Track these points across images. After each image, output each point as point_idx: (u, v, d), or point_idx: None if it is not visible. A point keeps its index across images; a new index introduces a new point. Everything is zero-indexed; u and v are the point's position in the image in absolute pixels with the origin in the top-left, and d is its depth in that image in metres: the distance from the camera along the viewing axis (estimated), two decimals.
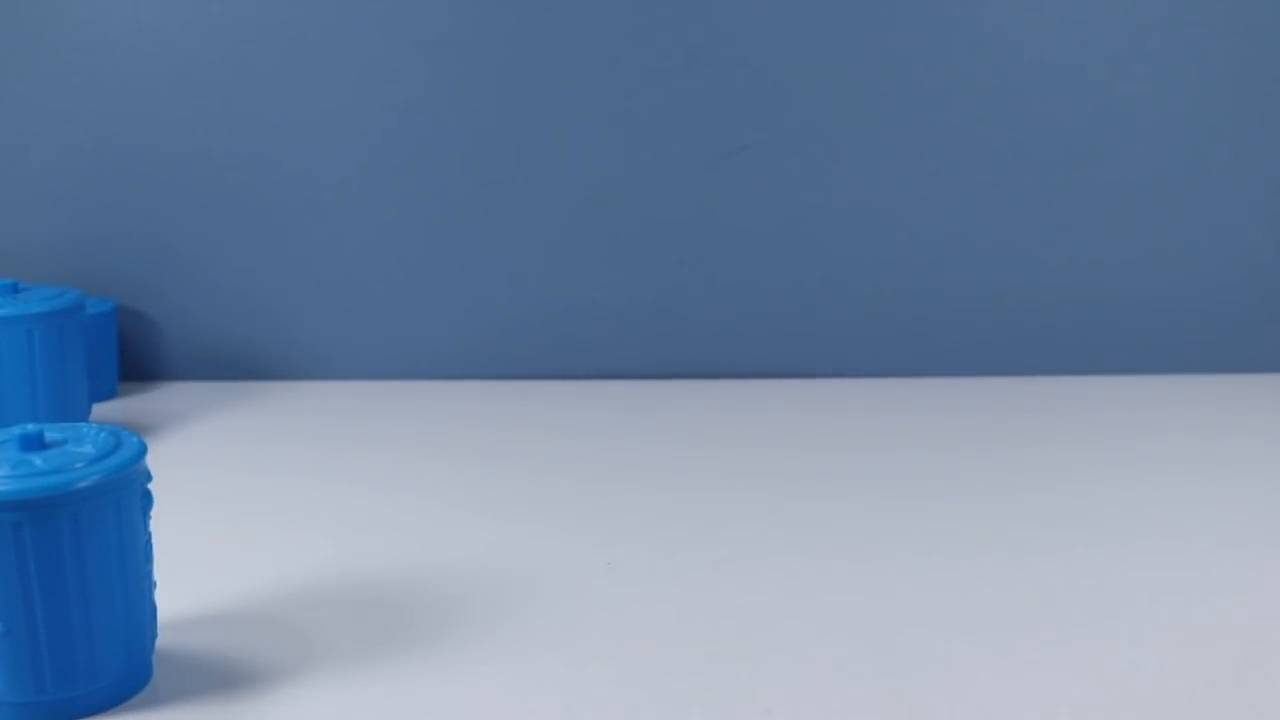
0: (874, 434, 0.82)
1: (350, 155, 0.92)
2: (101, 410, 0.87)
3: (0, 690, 0.48)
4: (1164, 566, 0.62)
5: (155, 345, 0.95)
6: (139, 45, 0.90)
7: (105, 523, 0.48)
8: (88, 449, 0.50)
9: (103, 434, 0.51)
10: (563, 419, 0.86)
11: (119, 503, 0.49)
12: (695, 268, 0.92)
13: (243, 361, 0.95)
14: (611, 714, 0.49)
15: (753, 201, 0.92)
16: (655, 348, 0.94)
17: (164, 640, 0.54)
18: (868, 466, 0.76)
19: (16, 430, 0.50)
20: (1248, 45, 0.90)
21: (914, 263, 0.93)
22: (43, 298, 0.78)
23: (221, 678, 0.52)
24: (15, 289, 0.78)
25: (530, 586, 0.60)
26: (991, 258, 0.93)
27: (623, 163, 0.92)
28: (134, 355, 0.95)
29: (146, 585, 0.51)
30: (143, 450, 0.51)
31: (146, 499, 0.51)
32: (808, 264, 0.93)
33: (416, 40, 0.90)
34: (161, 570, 0.55)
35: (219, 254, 0.93)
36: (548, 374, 0.95)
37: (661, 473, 0.75)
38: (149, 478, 0.52)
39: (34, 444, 0.50)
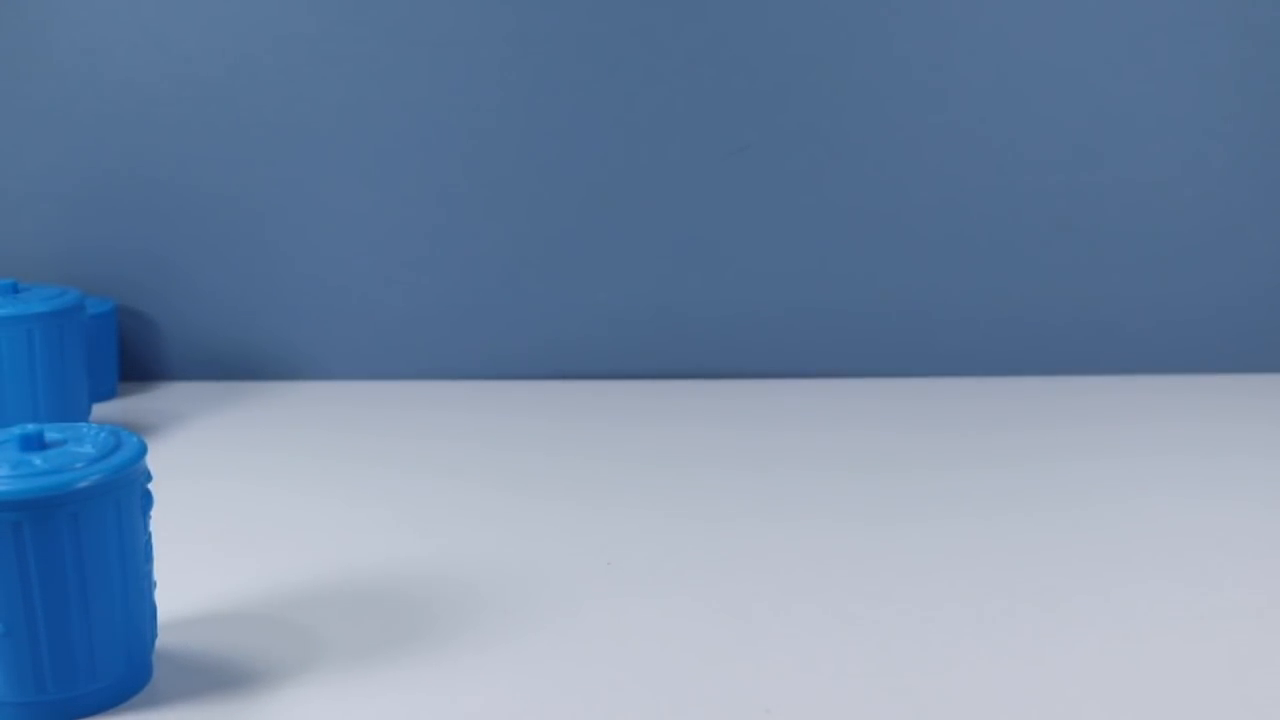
0: (874, 434, 0.82)
1: (350, 155, 0.92)
2: (101, 410, 0.87)
3: (0, 690, 0.48)
4: (1166, 566, 0.62)
5: (155, 345, 0.95)
6: (139, 46, 0.90)
7: (105, 523, 0.48)
8: (88, 449, 0.50)
9: (103, 434, 0.51)
10: (562, 419, 0.86)
11: (119, 503, 0.49)
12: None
13: (243, 361, 0.95)
14: (612, 714, 0.49)
15: (753, 201, 0.92)
16: (655, 348, 0.94)
17: (164, 640, 0.54)
18: (868, 467, 0.76)
19: (16, 430, 0.50)
20: (1248, 46, 0.90)
21: (914, 262, 0.93)
22: (43, 298, 0.78)
23: (221, 678, 0.52)
24: (15, 289, 0.78)
25: (530, 586, 0.60)
26: (991, 258, 0.93)
27: (623, 163, 0.92)
28: (134, 355, 0.95)
29: (146, 585, 0.51)
30: (143, 450, 0.51)
31: (146, 499, 0.51)
32: (807, 264, 0.93)
33: (416, 40, 0.90)
34: (161, 570, 0.55)
35: (219, 254, 0.93)
36: (548, 374, 0.95)
37: (661, 473, 0.75)
38: (149, 477, 0.52)
39: (34, 444, 0.50)
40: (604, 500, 0.71)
